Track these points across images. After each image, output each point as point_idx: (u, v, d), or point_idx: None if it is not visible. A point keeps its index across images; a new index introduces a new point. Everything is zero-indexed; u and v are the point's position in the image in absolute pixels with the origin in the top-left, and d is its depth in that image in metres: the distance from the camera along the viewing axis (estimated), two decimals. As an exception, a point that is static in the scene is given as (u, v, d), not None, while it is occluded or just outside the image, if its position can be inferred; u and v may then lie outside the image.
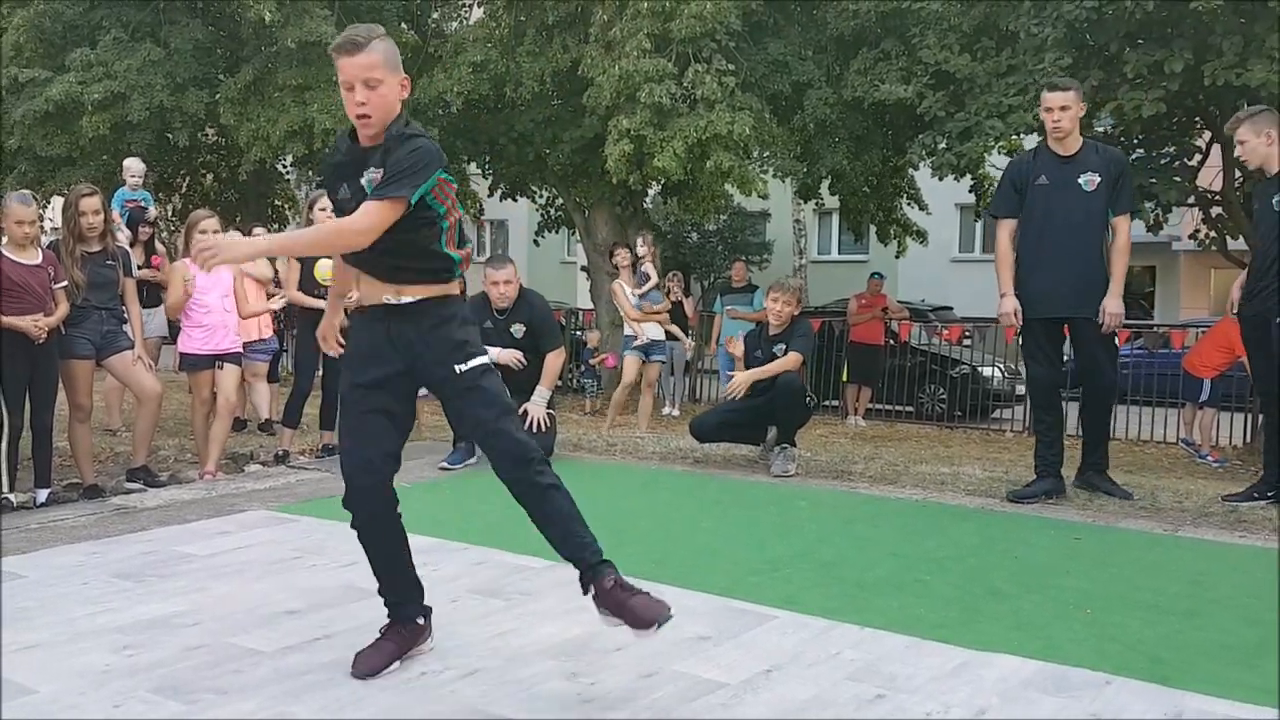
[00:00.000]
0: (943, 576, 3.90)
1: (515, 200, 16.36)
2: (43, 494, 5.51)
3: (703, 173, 10.36)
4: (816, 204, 14.50)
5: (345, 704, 2.66)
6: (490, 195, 16.18)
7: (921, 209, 15.04)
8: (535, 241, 18.92)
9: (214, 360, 6.17)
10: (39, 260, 5.44)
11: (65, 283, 5.52)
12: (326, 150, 12.42)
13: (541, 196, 16.56)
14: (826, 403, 11.14)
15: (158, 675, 2.81)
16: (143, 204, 9.16)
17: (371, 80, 2.68)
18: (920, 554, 4.23)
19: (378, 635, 2.94)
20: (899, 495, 5.45)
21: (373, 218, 2.65)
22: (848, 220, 15.01)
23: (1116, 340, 5.47)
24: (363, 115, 2.72)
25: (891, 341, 11.96)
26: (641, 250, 8.89)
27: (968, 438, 10.16)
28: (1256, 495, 5.31)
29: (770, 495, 5.39)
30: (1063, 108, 5.16)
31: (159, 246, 9.00)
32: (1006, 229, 5.37)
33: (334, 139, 11.97)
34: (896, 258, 16.21)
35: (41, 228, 5.81)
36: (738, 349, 6.29)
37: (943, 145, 10.30)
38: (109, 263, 5.81)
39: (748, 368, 6.13)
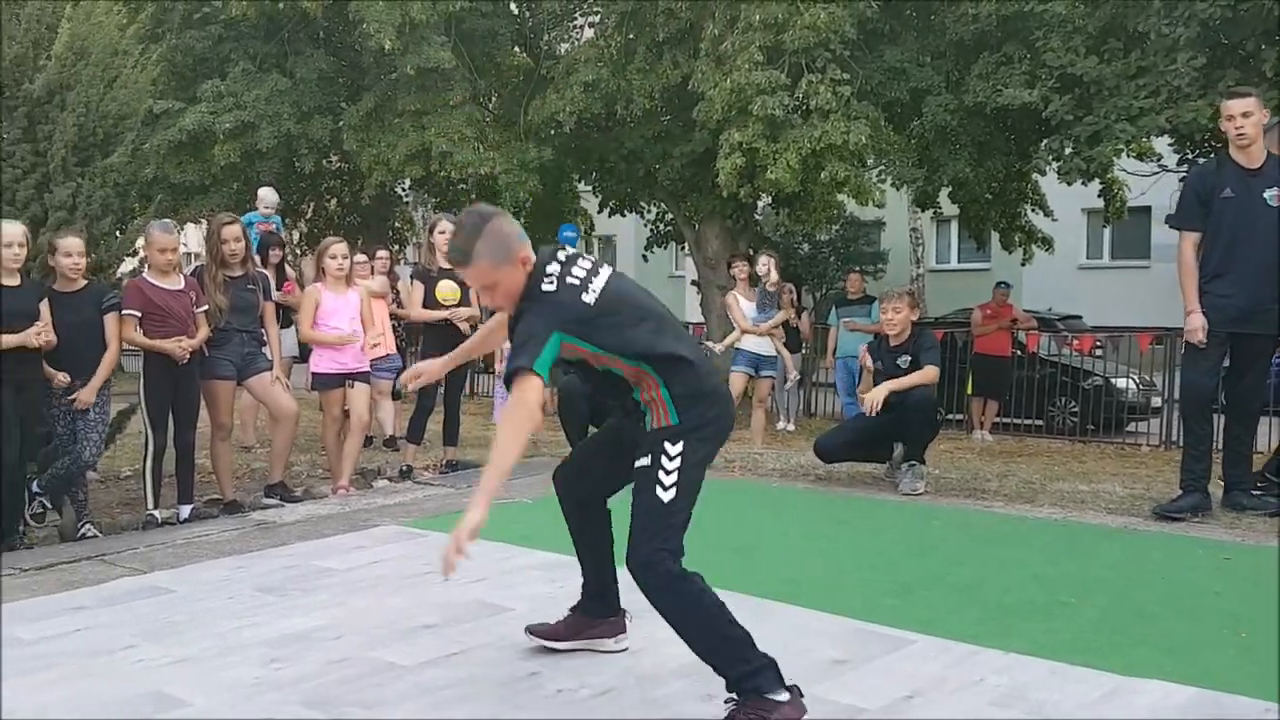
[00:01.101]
0: (1087, 599, 3.75)
1: (624, 216, 16.48)
2: (185, 510, 5.73)
3: (817, 184, 10.22)
4: (935, 212, 14.17)
5: (508, 716, 2.69)
6: (599, 212, 16.33)
7: (1046, 215, 14.58)
8: (644, 257, 19.00)
9: (345, 379, 6.34)
10: (181, 285, 5.68)
11: (206, 306, 5.76)
12: (442, 172, 12.76)
13: (650, 212, 16.64)
14: (950, 416, 10.85)
15: (305, 689, 2.89)
16: (274, 228, 9.49)
17: (487, 284, 2.78)
18: (1062, 575, 4.07)
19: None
20: (1037, 514, 5.26)
21: (518, 395, 2.64)
22: (969, 228, 14.61)
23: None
24: (496, 308, 2.95)
25: (1019, 352, 11.59)
26: (763, 269, 8.77)
27: (1102, 453, 9.75)
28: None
29: (899, 514, 5.27)
30: (1244, 114, 5.04)
31: (289, 271, 9.30)
32: (1190, 241, 5.20)
33: (449, 161, 12.33)
34: (1022, 265, 15.73)
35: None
36: (868, 361, 6.12)
37: (1069, 150, 9.99)
38: (250, 287, 6.03)
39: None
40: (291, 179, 15.12)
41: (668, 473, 2.72)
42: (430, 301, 6.85)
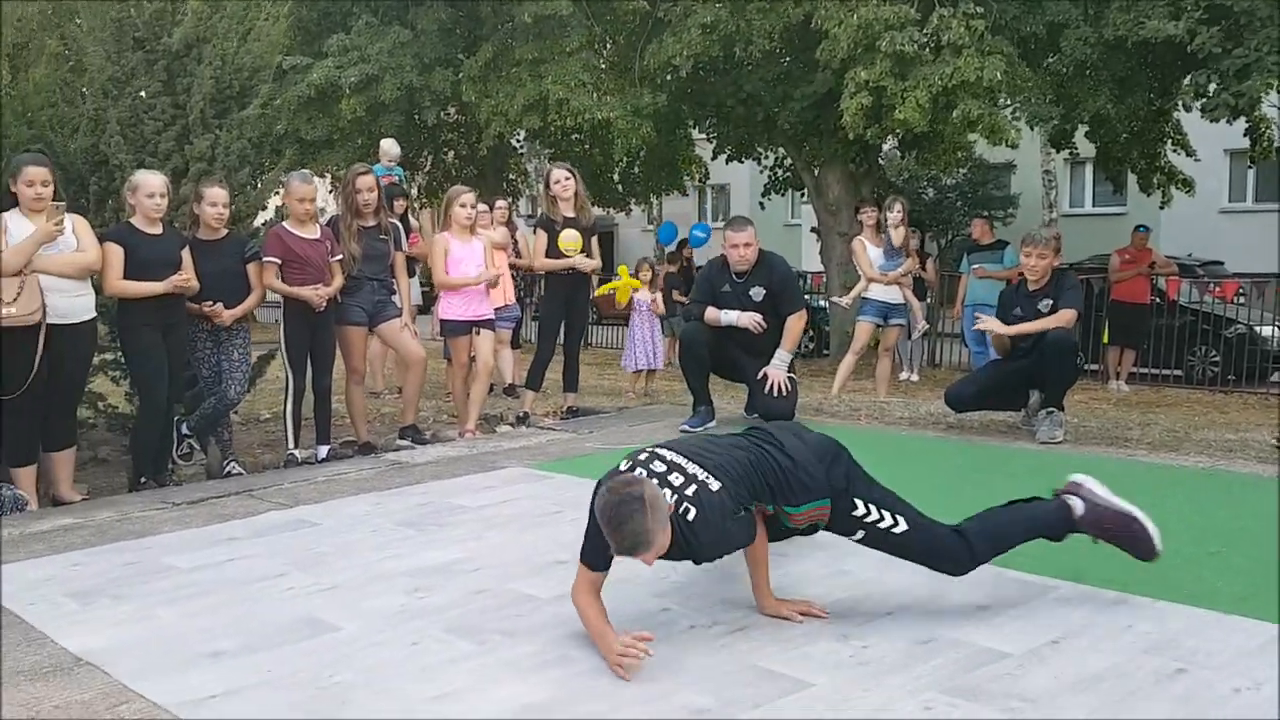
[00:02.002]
0: (1239, 549, 3.58)
1: (741, 162, 16.27)
2: (323, 450, 5.93)
3: (947, 123, 9.87)
4: (1071, 153, 13.56)
5: None
6: (714, 159, 16.15)
7: (1189, 155, 13.82)
8: (760, 204, 18.77)
9: (472, 326, 6.44)
10: (318, 235, 5.83)
11: (341, 255, 5.90)
12: (558, 121, 12.76)
13: (768, 158, 16.38)
14: (1085, 366, 10.47)
15: (448, 616, 2.97)
16: (397, 180, 9.68)
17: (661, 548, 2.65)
18: (1213, 525, 3.89)
19: None
20: (1182, 463, 5.03)
21: None
22: (1106, 169, 13.94)
23: None
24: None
25: (1158, 300, 11.09)
26: (895, 216, 8.48)
27: (1244, 403, 9.31)
28: None
29: (1037, 463, 5.08)
30: None
31: (413, 222, 9.48)
32: None
33: (566, 109, 12.30)
34: (1161, 208, 14.99)
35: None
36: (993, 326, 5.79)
37: (1216, 85, 9.43)
38: (382, 237, 6.16)
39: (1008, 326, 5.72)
40: (411, 132, 15.39)
41: None
42: (553, 251, 6.89)
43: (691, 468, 2.74)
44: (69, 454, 5.18)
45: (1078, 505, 3.05)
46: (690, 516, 2.64)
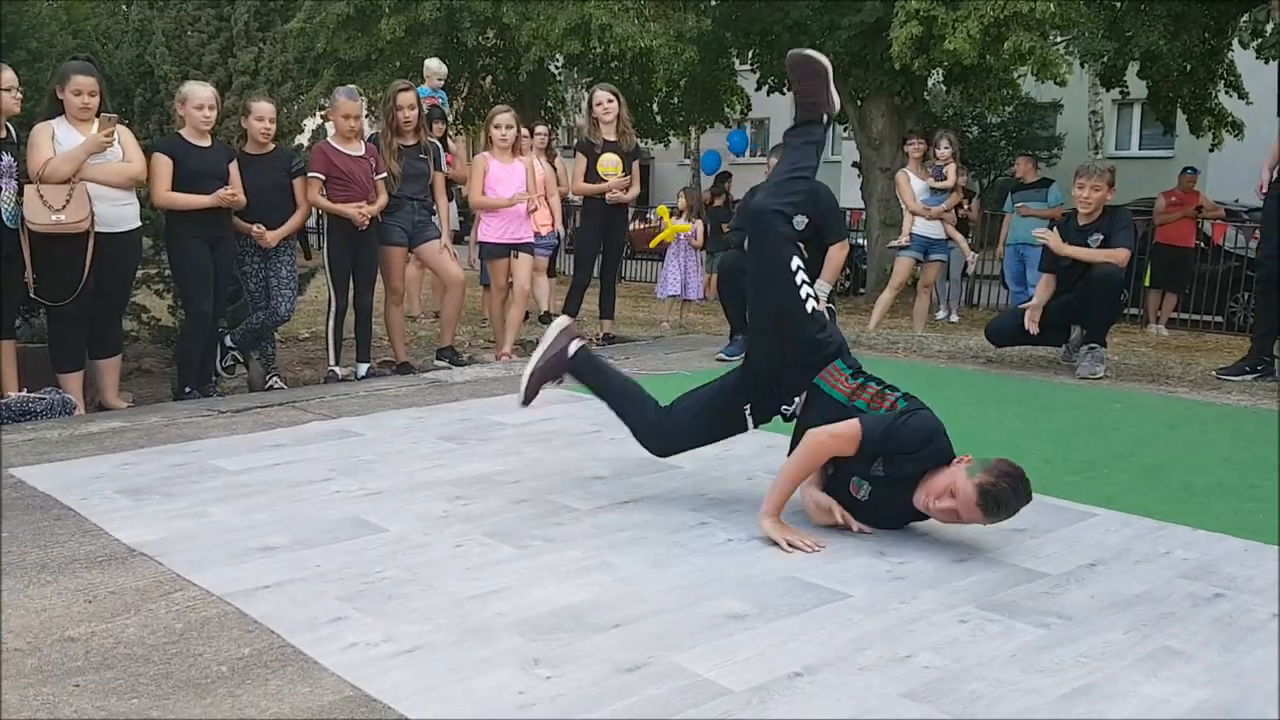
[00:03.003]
0: (1281, 483, 3.55)
1: (783, 94, 16.01)
2: (363, 368, 6.01)
3: (998, 56, 9.64)
4: (1121, 92, 13.25)
5: (681, 559, 2.76)
6: (757, 90, 15.91)
7: (1241, 97, 13.46)
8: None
9: (510, 249, 6.45)
10: (362, 152, 5.83)
11: (385, 174, 5.90)
12: (600, 48, 12.60)
13: (812, 89, 16.09)
14: (1126, 308, 10.34)
15: (490, 522, 3.03)
16: (439, 102, 9.64)
17: None
18: (1254, 460, 3.87)
19: None
20: (1225, 400, 5.00)
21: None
22: (1157, 110, 13.61)
23: None
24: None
25: (1202, 245, 10.89)
26: (944, 152, 8.31)
27: (1288, 350, 9.18)
28: (1247, 370, 5.49)
29: (1078, 397, 5.06)
30: None
31: (451, 144, 9.45)
32: None
33: (609, 34, 12.12)
34: (1210, 151, 14.64)
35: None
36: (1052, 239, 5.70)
37: (1274, 23, 9.15)
38: (421, 156, 6.15)
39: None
40: (449, 55, 15.26)
41: None
42: (591, 175, 6.85)
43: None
44: (115, 362, 5.28)
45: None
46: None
